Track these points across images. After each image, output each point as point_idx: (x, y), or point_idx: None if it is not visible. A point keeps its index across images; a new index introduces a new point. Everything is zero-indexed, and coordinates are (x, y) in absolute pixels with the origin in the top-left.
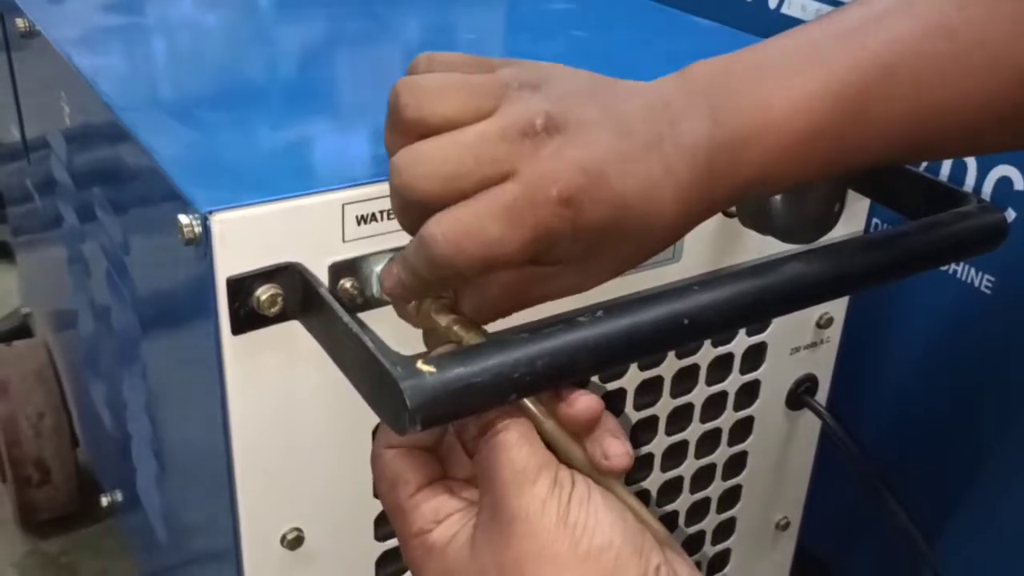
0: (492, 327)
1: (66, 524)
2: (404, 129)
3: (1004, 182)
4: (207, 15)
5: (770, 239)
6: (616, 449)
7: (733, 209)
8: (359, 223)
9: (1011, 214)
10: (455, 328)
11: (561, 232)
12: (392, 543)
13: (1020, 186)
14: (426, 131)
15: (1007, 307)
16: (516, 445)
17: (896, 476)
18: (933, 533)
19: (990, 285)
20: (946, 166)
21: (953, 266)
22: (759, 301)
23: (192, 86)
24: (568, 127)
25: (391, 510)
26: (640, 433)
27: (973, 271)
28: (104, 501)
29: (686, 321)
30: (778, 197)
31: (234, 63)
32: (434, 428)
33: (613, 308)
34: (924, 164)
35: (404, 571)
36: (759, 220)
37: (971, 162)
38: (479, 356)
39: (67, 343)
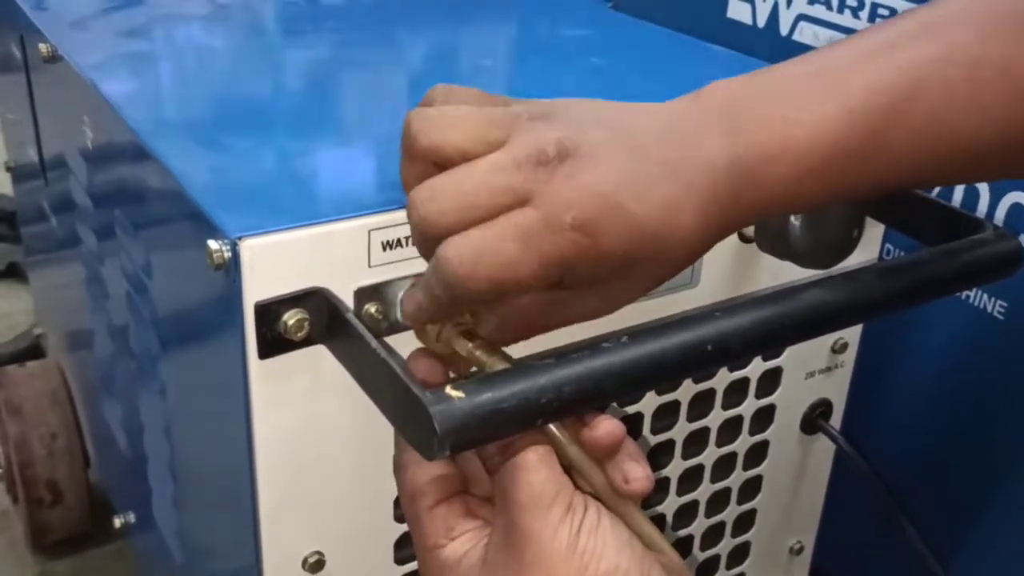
0: (515, 351)
1: (77, 545)
2: (417, 157)
3: (1017, 208)
4: (229, 40)
5: (787, 264)
6: (636, 473)
7: (751, 234)
8: (384, 249)
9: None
10: (477, 353)
11: (577, 258)
12: (411, 566)
13: None
14: (439, 159)
15: (1020, 332)
16: (535, 469)
17: (910, 501)
18: (948, 558)
19: (1003, 311)
20: (958, 192)
21: (966, 292)
22: (780, 327)
23: (217, 111)
24: (580, 152)
25: (409, 520)
26: (657, 457)
27: (986, 297)
28: (117, 523)
29: (709, 347)
30: (797, 223)
31: (258, 88)
32: None
33: (638, 334)
34: (937, 190)
35: None
36: (777, 245)
37: (983, 188)
38: (507, 381)
39: (81, 363)
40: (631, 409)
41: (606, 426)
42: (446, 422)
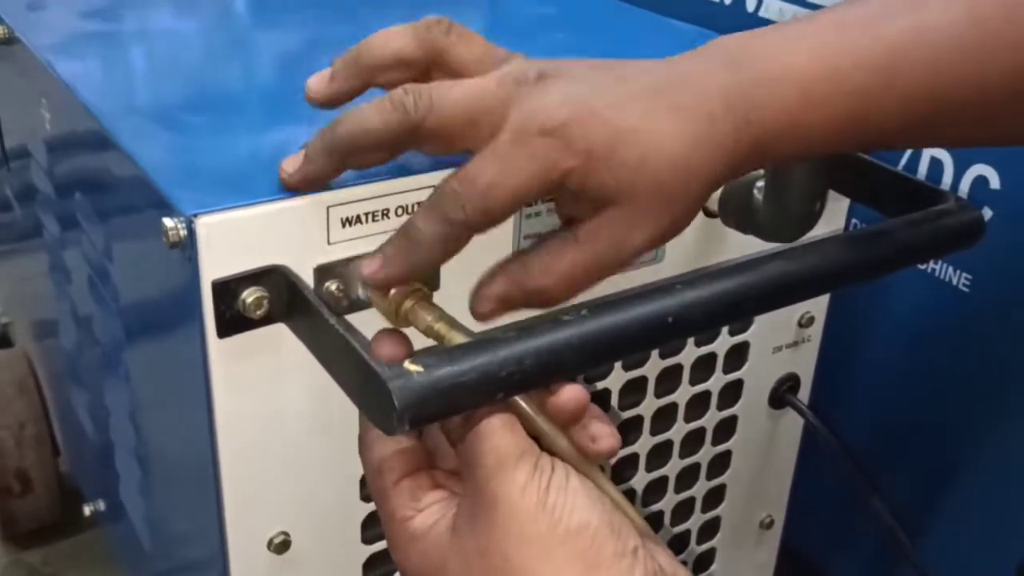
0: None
1: (48, 534)
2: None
3: (980, 181)
4: (187, 21)
5: (752, 238)
6: (603, 431)
7: (715, 209)
8: (344, 225)
9: (987, 212)
10: (436, 327)
11: (557, 169)
12: (379, 546)
13: (996, 185)
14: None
15: (984, 304)
16: (499, 432)
17: (879, 473)
18: (916, 530)
19: (968, 283)
20: (923, 165)
21: (931, 264)
22: (743, 298)
23: (174, 92)
24: (560, 73)
25: (375, 495)
26: (626, 433)
27: (951, 269)
28: (87, 511)
29: (671, 319)
30: (760, 195)
31: (216, 68)
32: None
33: (598, 306)
34: (903, 163)
35: (391, 573)
36: (741, 219)
37: (947, 161)
38: (467, 355)
39: (48, 352)
40: (598, 385)
41: (570, 391)
42: (405, 397)
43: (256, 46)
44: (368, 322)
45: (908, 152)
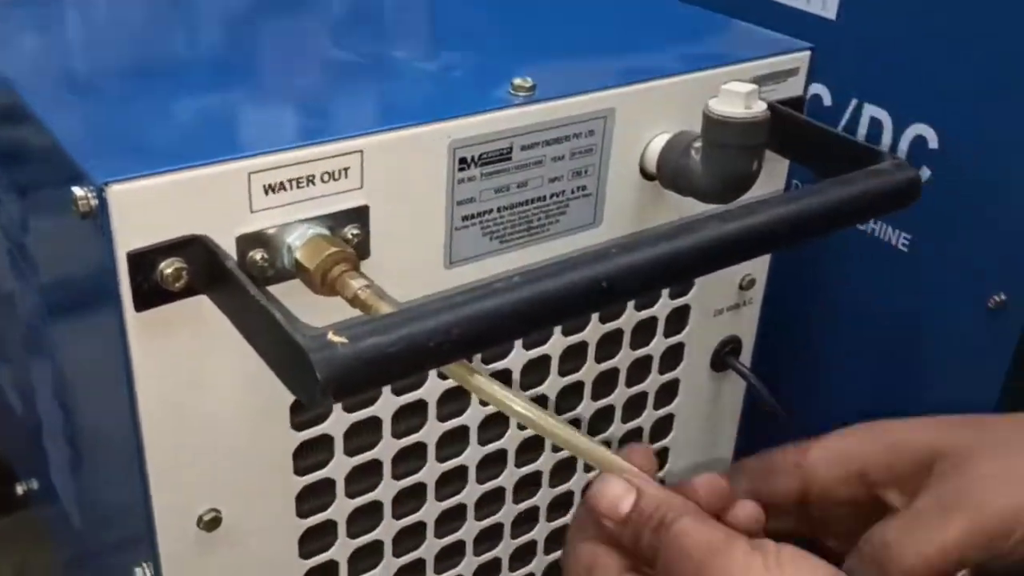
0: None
1: None
2: None
3: (919, 141)
4: None
5: (692, 202)
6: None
7: (654, 171)
8: (267, 192)
9: (926, 172)
10: (363, 296)
11: None
12: (317, 519)
13: (934, 145)
14: None
15: (923, 264)
16: (695, 528)
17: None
18: None
19: (906, 243)
20: (863, 126)
21: (871, 225)
22: (678, 262)
23: (90, 60)
24: None
25: None
26: (567, 398)
27: (890, 229)
28: (20, 490)
29: (605, 284)
30: (697, 157)
31: (135, 36)
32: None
33: (531, 273)
34: (842, 123)
35: (328, 547)
36: (678, 181)
37: (887, 121)
38: (393, 325)
39: None
40: (538, 352)
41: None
42: (327, 368)
43: (176, 12)
44: (295, 292)
45: (848, 111)
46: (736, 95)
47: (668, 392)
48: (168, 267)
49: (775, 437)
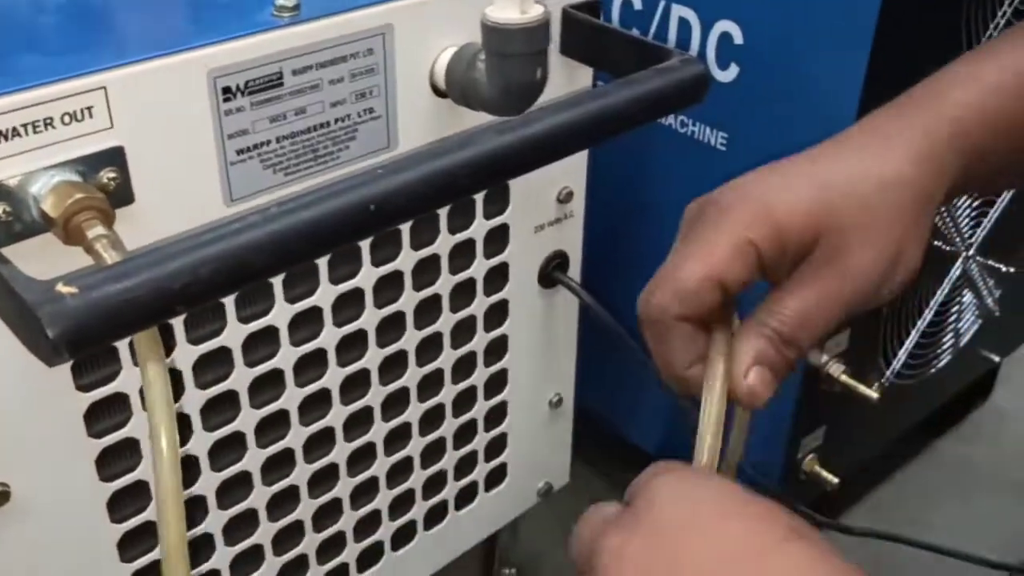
0: None
1: None
2: None
3: (725, 38)
4: None
5: (488, 116)
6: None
7: (444, 88)
8: (4, 139)
9: (734, 69)
10: (97, 246)
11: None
12: (123, 482)
13: (740, 40)
14: None
15: (739, 161)
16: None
17: None
18: None
19: (724, 141)
20: (672, 29)
21: (690, 127)
22: (451, 178)
23: None
24: None
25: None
26: (388, 331)
27: (708, 129)
28: None
29: (373, 207)
30: (482, 67)
31: None
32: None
33: (288, 202)
34: (652, 28)
35: (142, 510)
36: (468, 96)
37: (694, 21)
38: (134, 270)
39: None
40: (348, 286)
41: None
42: (58, 323)
43: None
44: (42, 248)
45: (658, 14)
46: (511, 0)
47: (498, 314)
48: None
49: (613, 355)
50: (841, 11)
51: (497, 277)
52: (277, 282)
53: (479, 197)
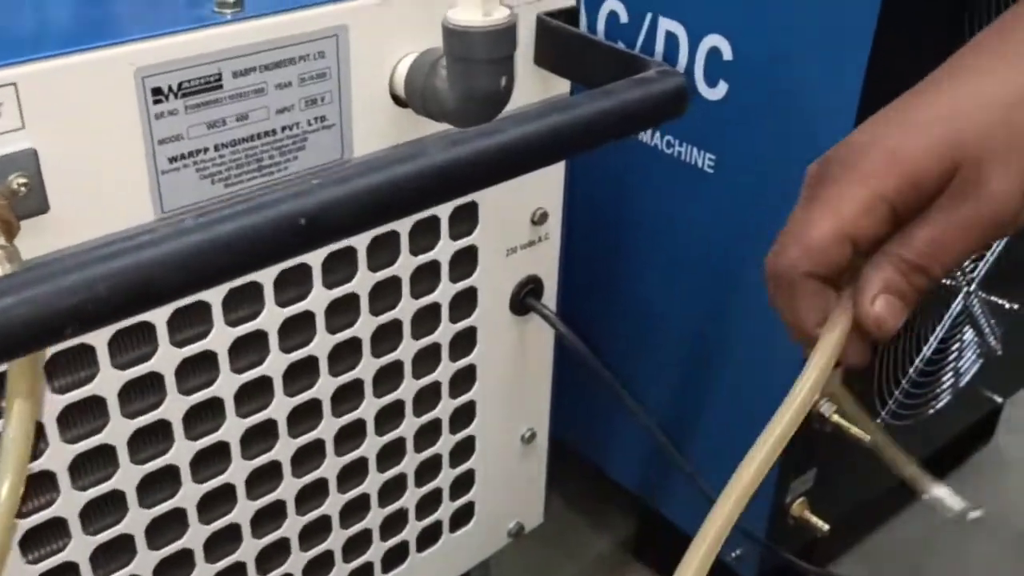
0: None
1: None
2: None
3: (714, 53)
4: None
5: (450, 128)
6: None
7: (405, 96)
8: None
9: (723, 87)
10: None
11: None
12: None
13: (729, 56)
14: None
15: (728, 184)
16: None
17: (638, 369)
18: (673, 428)
19: (712, 163)
20: (660, 42)
21: (676, 148)
22: (396, 192)
23: None
24: None
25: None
26: (342, 358)
27: (695, 150)
28: None
29: (303, 221)
30: (443, 74)
31: None
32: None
33: (208, 215)
34: (640, 40)
35: (53, 501)
36: (428, 105)
37: (682, 35)
38: (21, 284)
39: None
40: (297, 308)
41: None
42: None
43: None
44: None
45: (644, 27)
46: (473, 2)
47: (465, 342)
48: None
49: (589, 386)
50: (836, 24)
51: (464, 302)
52: (216, 302)
53: (444, 216)
